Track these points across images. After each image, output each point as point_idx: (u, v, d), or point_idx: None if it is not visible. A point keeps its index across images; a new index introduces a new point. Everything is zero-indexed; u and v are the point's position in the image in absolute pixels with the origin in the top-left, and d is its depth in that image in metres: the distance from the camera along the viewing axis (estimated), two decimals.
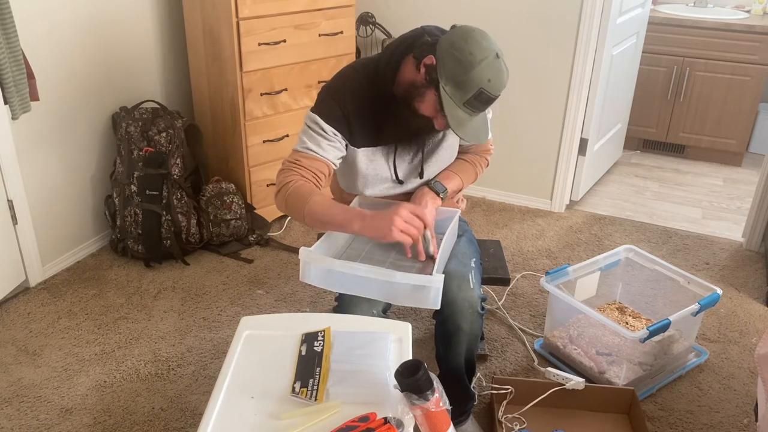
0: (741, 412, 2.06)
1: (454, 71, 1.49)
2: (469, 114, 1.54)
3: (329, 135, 1.65)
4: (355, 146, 1.71)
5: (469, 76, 1.48)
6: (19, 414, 1.99)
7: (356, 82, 1.67)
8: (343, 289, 1.52)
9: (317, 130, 1.65)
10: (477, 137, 1.58)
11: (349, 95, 1.65)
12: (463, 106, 1.52)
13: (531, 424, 1.95)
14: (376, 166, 1.75)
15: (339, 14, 2.98)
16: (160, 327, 2.40)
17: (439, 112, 1.55)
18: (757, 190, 2.94)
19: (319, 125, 1.64)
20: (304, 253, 1.50)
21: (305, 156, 1.64)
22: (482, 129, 1.61)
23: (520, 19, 3.09)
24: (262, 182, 3.01)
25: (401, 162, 1.76)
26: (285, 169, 1.65)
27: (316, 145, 1.64)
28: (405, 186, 1.80)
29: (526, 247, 2.99)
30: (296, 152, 1.66)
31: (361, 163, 1.73)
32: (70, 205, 2.75)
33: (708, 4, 4.09)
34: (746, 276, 2.80)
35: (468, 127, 1.56)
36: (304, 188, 1.59)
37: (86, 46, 2.66)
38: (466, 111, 1.53)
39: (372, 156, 1.74)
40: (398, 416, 1.15)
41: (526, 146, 3.26)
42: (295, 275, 2.73)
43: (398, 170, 1.76)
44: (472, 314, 1.70)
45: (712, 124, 3.91)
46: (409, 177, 1.79)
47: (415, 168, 1.78)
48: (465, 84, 1.49)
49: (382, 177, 1.77)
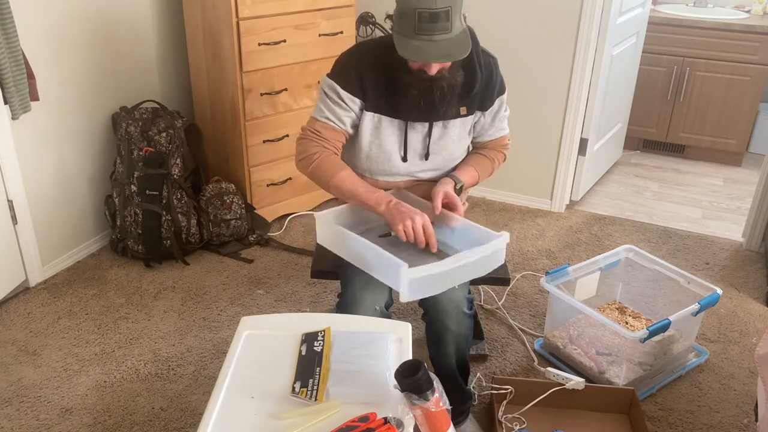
0: (741, 412, 2.06)
1: (396, 13, 1.59)
2: (431, 39, 1.54)
3: (347, 104, 1.72)
4: (366, 109, 1.74)
5: (403, 5, 1.55)
6: (19, 414, 1.99)
7: (371, 48, 1.77)
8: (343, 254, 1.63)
9: (335, 99, 1.71)
10: (448, 55, 1.58)
11: (365, 60, 1.73)
12: (417, 36, 1.54)
13: (531, 424, 1.95)
14: (381, 137, 1.76)
15: (339, 14, 2.98)
16: (160, 327, 2.40)
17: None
18: (757, 190, 2.94)
19: (338, 93, 1.71)
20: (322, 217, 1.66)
21: (325, 127, 1.73)
22: (455, 47, 1.58)
23: (520, 19, 3.09)
24: (262, 182, 3.01)
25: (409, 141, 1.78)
26: (306, 138, 1.74)
27: (334, 115, 1.72)
28: (410, 166, 1.80)
29: (526, 247, 2.99)
30: (316, 121, 1.74)
31: (367, 129, 1.75)
32: (70, 205, 2.75)
33: (708, 4, 4.08)
34: (746, 276, 2.80)
35: (432, 51, 1.55)
36: (330, 161, 1.71)
37: (86, 46, 2.66)
38: (423, 39, 1.54)
39: (377, 124, 1.75)
40: (398, 416, 1.15)
41: (526, 146, 3.26)
42: (295, 275, 2.73)
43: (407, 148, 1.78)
44: (458, 314, 1.71)
45: (712, 124, 3.91)
46: (414, 157, 1.79)
47: (421, 149, 1.79)
48: (405, 16, 1.55)
49: (386, 152, 1.77)
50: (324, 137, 1.72)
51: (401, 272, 1.45)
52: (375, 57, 1.72)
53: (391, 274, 1.51)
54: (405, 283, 1.46)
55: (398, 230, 1.60)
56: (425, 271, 1.48)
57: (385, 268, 1.53)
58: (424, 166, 1.81)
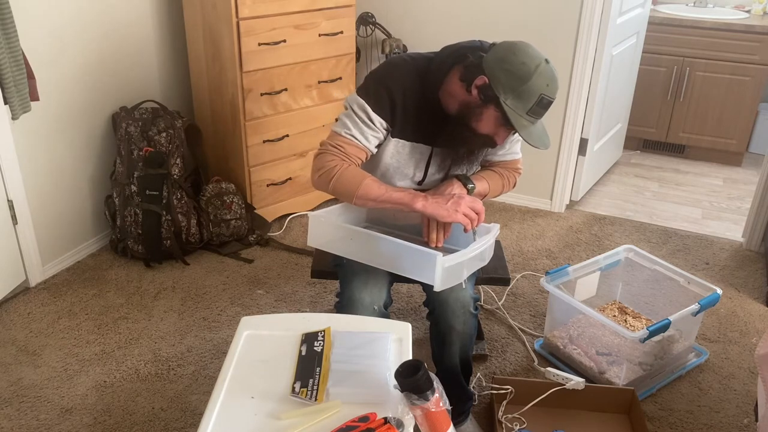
0: (741, 412, 2.06)
1: (512, 84, 1.54)
2: (532, 122, 1.58)
3: (375, 125, 1.67)
4: (392, 135, 1.72)
5: (528, 86, 1.53)
6: (19, 414, 1.99)
7: (405, 72, 1.69)
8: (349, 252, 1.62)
9: (363, 119, 1.66)
10: (543, 142, 1.63)
11: (399, 84, 1.67)
12: (527, 115, 1.56)
13: (531, 424, 1.95)
14: (401, 160, 1.75)
15: (339, 14, 2.98)
16: (160, 327, 2.40)
17: (501, 127, 1.61)
18: (757, 190, 2.94)
19: (367, 114, 1.66)
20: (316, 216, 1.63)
21: (348, 143, 1.66)
22: (545, 134, 1.66)
23: (520, 19, 3.08)
24: (262, 182, 3.01)
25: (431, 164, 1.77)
26: (325, 152, 1.67)
27: (360, 133, 1.66)
28: (423, 186, 1.80)
29: (526, 247, 2.99)
30: (339, 136, 1.67)
31: (388, 152, 1.74)
32: (70, 205, 2.75)
33: (708, 4, 4.08)
34: (746, 276, 2.80)
35: (533, 132, 1.61)
36: (353, 171, 1.65)
37: (86, 46, 2.66)
38: (529, 119, 1.57)
39: (401, 149, 1.74)
40: (398, 416, 1.15)
41: (526, 146, 3.25)
42: (295, 275, 2.73)
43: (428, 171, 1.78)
44: (464, 314, 1.71)
45: (712, 124, 3.91)
46: (431, 179, 1.80)
47: (440, 172, 1.79)
48: (525, 93, 1.54)
49: (403, 173, 1.77)
50: (346, 152, 1.65)
51: (437, 261, 1.50)
52: (410, 83, 1.68)
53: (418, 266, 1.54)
54: (439, 272, 1.50)
55: (460, 219, 1.60)
56: (455, 259, 1.54)
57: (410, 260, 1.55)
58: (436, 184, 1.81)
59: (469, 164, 1.77)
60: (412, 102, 1.68)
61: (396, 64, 1.71)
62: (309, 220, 1.67)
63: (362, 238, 1.60)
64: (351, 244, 1.62)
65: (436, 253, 1.50)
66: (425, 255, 1.51)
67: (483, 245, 1.64)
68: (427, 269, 1.52)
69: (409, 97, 1.67)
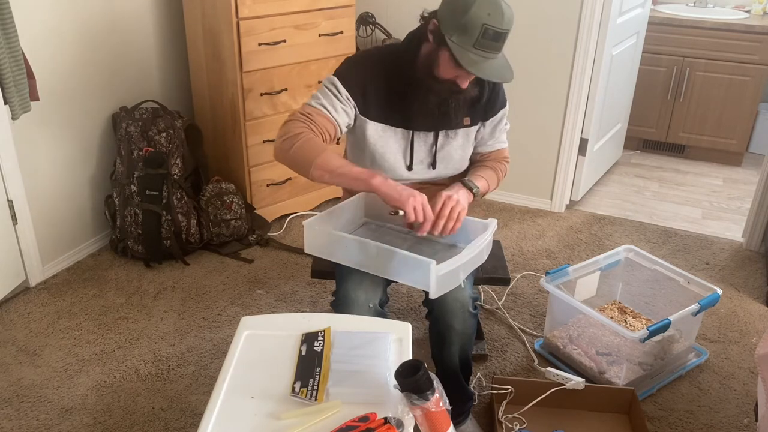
0: (741, 412, 2.06)
1: (454, 19, 1.53)
2: (484, 56, 1.55)
3: (343, 98, 1.70)
4: (366, 116, 1.74)
5: (468, 17, 1.51)
6: (19, 414, 1.99)
7: (379, 54, 1.77)
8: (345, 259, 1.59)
9: (333, 91, 1.70)
10: (502, 76, 1.59)
11: (371, 64, 1.73)
12: (474, 49, 1.53)
13: (531, 424, 1.95)
14: (385, 144, 1.76)
15: (339, 14, 2.98)
16: (160, 327, 2.40)
17: (458, 68, 1.57)
18: (757, 190, 2.94)
19: (336, 87, 1.70)
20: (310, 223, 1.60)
21: (317, 112, 1.67)
22: (506, 68, 1.60)
23: (520, 19, 3.05)
24: (262, 182, 3.01)
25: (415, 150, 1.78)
26: (294, 120, 1.66)
27: (330, 104, 1.69)
28: (413, 174, 1.80)
29: (526, 247, 2.99)
30: (308, 106, 1.69)
31: (371, 137, 1.76)
32: (70, 205, 2.75)
33: (708, 4, 4.08)
34: (746, 276, 2.80)
35: (487, 67, 1.56)
36: (317, 141, 1.61)
37: (86, 46, 2.66)
38: (479, 54, 1.54)
39: (382, 133, 1.76)
40: (398, 416, 1.15)
41: (526, 146, 3.26)
42: (295, 275, 2.73)
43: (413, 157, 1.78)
44: (463, 313, 1.71)
45: (712, 124, 3.91)
46: (419, 166, 1.80)
47: (427, 158, 1.79)
48: (467, 26, 1.52)
49: (391, 161, 1.78)
50: (313, 120, 1.64)
51: (431, 269, 1.46)
52: (382, 65, 1.73)
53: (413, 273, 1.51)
54: (433, 279, 1.47)
55: (409, 209, 1.52)
56: (450, 265, 1.50)
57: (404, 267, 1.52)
58: (430, 175, 1.82)
59: (434, 129, 1.75)
60: (387, 85, 1.71)
61: (370, 51, 1.82)
62: (304, 228, 1.64)
63: (356, 246, 1.58)
64: (346, 252, 1.60)
65: (429, 261, 1.46)
66: (419, 263, 1.48)
67: (480, 245, 1.61)
68: (421, 276, 1.49)
69: (382, 81, 1.71)
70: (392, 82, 1.71)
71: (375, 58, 1.77)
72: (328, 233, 1.62)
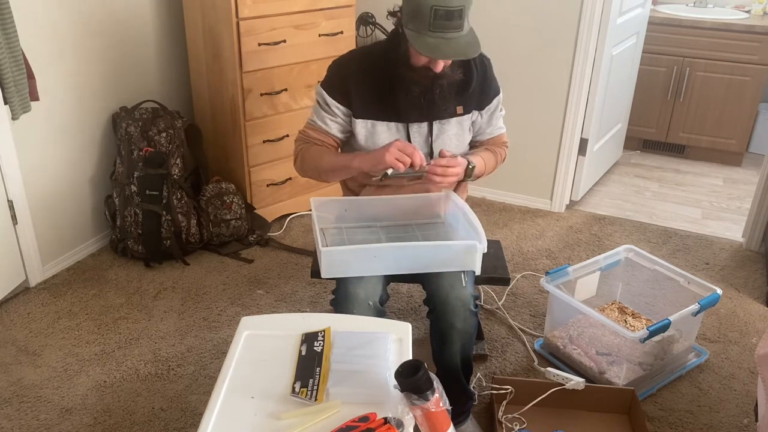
0: (741, 412, 2.06)
1: (408, 8, 1.59)
2: (443, 37, 1.57)
3: (332, 109, 1.79)
4: (354, 116, 1.79)
5: (417, 2, 1.55)
6: (19, 414, 1.99)
7: (360, 53, 1.85)
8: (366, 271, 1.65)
9: (323, 105, 1.81)
10: (463, 53, 1.60)
11: (352, 63, 1.80)
12: (431, 32, 1.56)
13: (531, 424, 1.95)
14: (378, 140, 1.79)
15: (339, 14, 2.98)
16: (160, 327, 2.40)
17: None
18: (757, 190, 2.94)
19: (324, 99, 1.80)
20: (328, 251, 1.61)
21: (312, 128, 1.85)
22: (469, 47, 1.61)
23: (520, 19, 3.08)
24: (262, 182, 3.01)
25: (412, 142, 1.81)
26: (297, 139, 1.89)
27: (320, 119, 1.83)
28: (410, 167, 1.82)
29: (526, 247, 2.99)
30: (307, 124, 1.88)
31: (360, 134, 1.81)
32: (70, 205, 2.75)
33: (708, 4, 4.08)
34: (746, 276, 2.80)
35: (446, 48, 1.58)
36: (314, 150, 1.82)
37: (86, 46, 2.66)
38: (437, 36, 1.56)
39: (372, 129, 1.80)
40: (398, 416, 1.15)
41: (526, 146, 3.26)
42: (295, 275, 2.73)
43: None
44: (464, 312, 1.72)
45: (712, 124, 3.91)
46: None
47: (424, 149, 1.82)
48: (418, 12, 1.56)
49: None
50: (309, 136, 1.84)
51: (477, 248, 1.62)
52: (364, 63, 1.78)
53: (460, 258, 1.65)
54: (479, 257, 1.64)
55: (393, 164, 1.63)
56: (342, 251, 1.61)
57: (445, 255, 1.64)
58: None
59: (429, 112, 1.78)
60: (372, 81, 1.75)
61: (353, 51, 1.88)
62: (321, 255, 1.59)
63: (387, 252, 1.62)
64: (375, 261, 1.62)
65: (474, 243, 1.59)
66: (465, 246, 1.61)
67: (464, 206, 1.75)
68: (469, 259, 1.61)
69: (365, 78, 1.75)
70: (378, 78, 1.75)
71: (357, 57, 1.82)
72: (352, 250, 1.63)
